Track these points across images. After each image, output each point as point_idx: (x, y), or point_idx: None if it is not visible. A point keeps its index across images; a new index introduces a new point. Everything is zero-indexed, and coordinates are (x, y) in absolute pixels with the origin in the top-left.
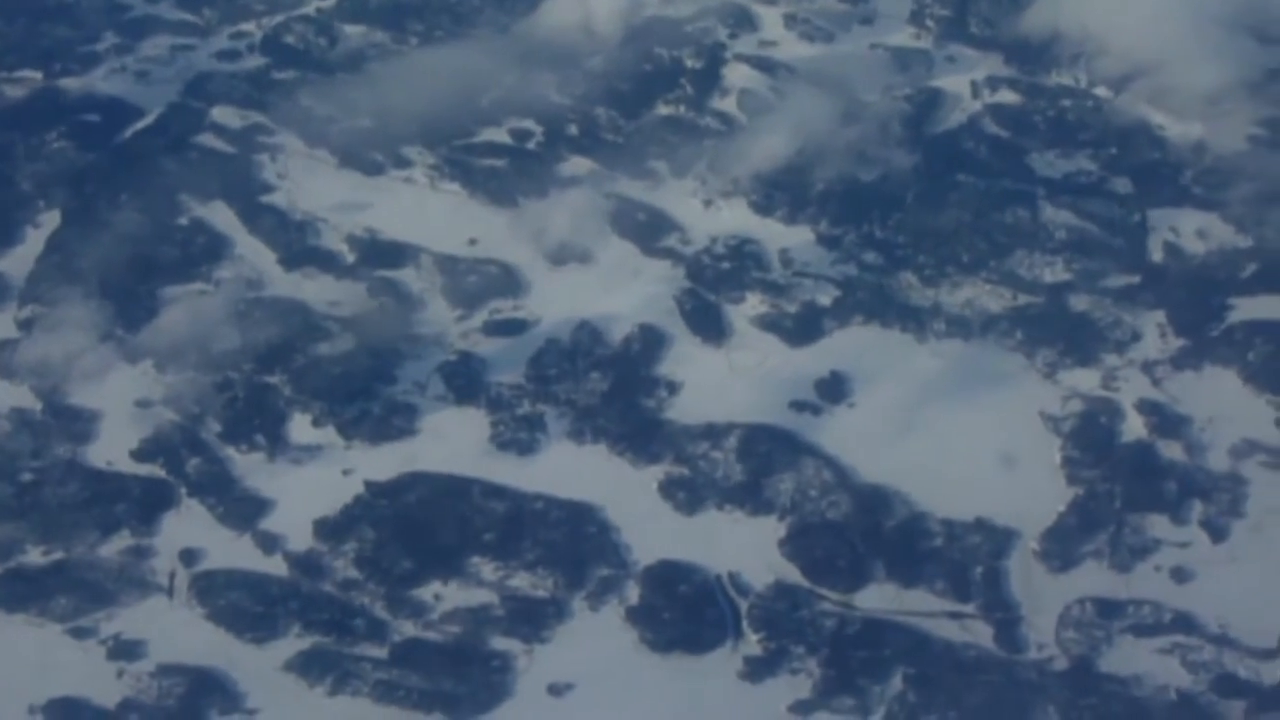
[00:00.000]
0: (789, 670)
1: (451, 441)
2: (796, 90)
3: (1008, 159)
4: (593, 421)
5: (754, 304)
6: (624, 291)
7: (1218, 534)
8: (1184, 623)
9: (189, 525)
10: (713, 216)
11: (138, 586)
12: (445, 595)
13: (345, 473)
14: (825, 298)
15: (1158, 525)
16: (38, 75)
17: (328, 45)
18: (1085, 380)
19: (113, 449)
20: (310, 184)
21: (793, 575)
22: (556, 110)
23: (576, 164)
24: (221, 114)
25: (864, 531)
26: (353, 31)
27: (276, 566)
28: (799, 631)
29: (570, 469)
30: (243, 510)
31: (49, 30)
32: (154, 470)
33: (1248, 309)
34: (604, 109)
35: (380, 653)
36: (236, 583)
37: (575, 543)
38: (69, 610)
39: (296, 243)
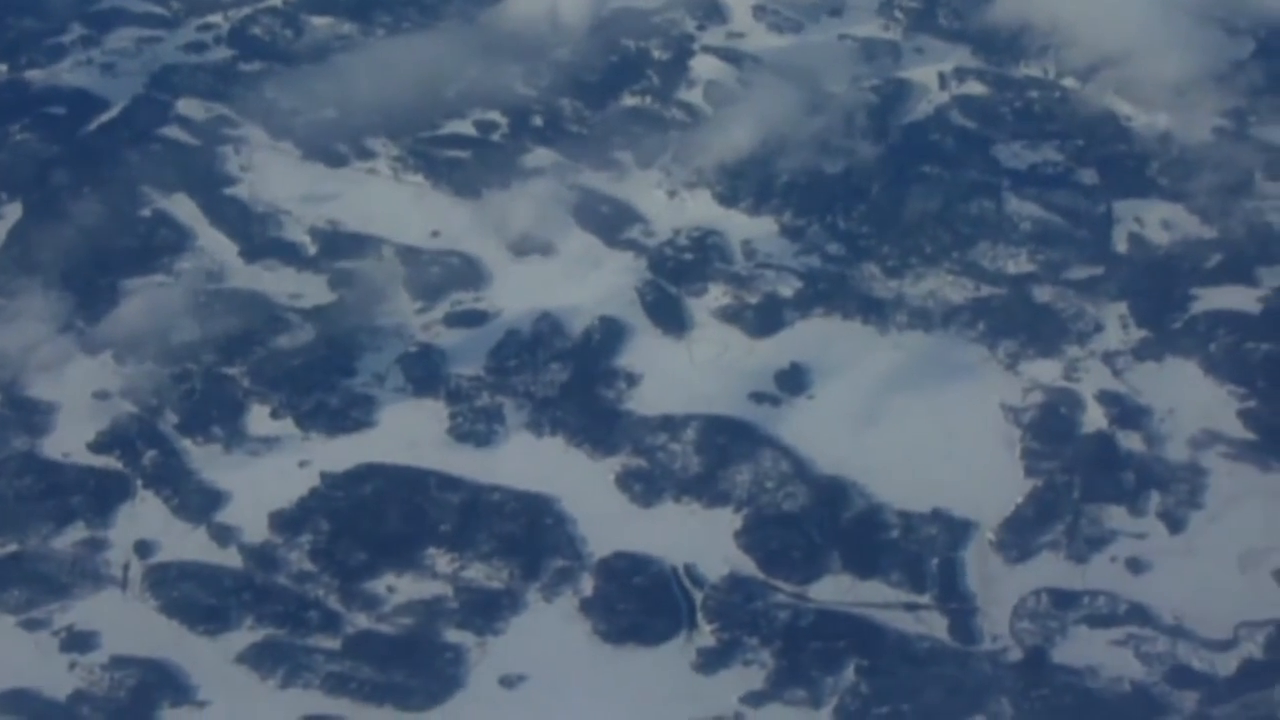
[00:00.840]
0: (742, 662)
1: (409, 433)
2: (763, 81)
3: (974, 150)
4: (551, 413)
5: (716, 295)
6: (586, 283)
7: (1175, 525)
8: (1139, 614)
9: (144, 517)
10: (676, 208)
11: (91, 579)
12: (399, 587)
13: (302, 464)
14: (787, 289)
15: (1115, 516)
16: (3, 68)
17: (294, 37)
18: (1047, 371)
19: (69, 441)
20: (273, 176)
21: (748, 567)
22: (522, 101)
23: (540, 155)
24: (186, 106)
25: (820, 523)
26: (319, 23)
27: (231, 559)
28: (753, 623)
29: (528, 460)
30: (198, 502)
31: (15, 22)
32: (110, 462)
33: (1211, 299)
34: (569, 100)
35: (333, 645)
36: (190, 575)
37: (531, 534)
38: (22, 602)
39: (258, 234)
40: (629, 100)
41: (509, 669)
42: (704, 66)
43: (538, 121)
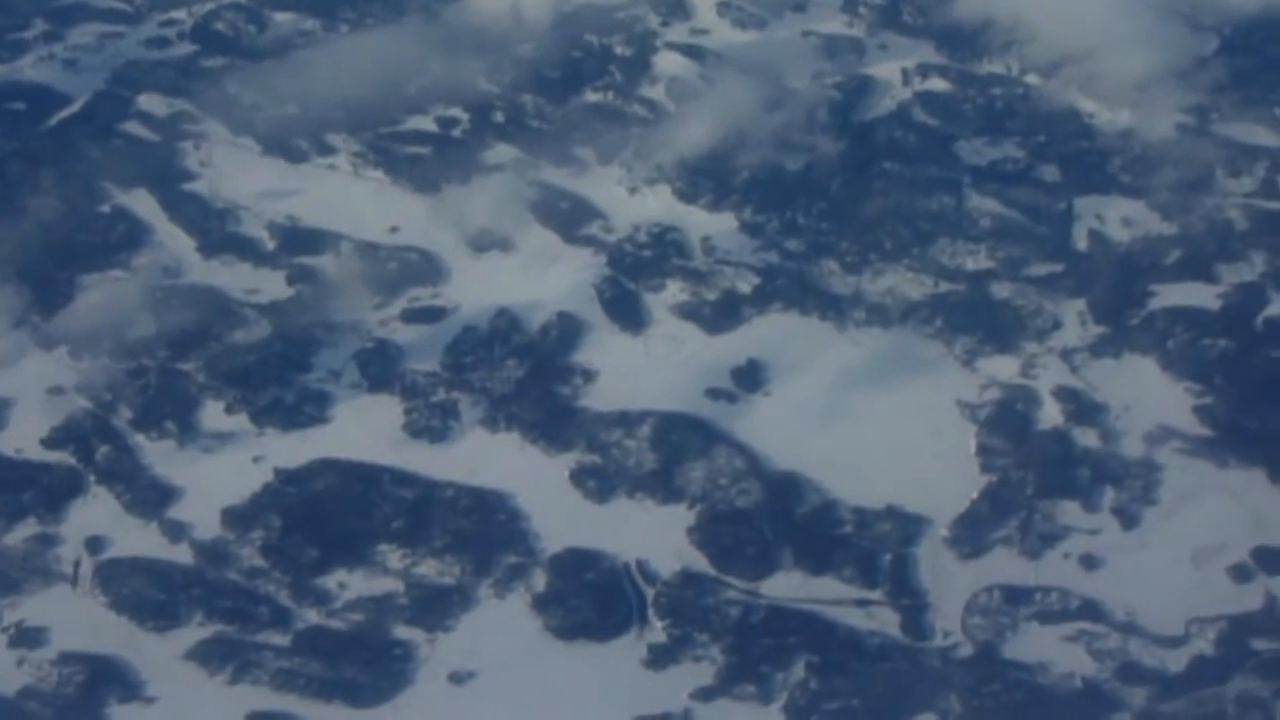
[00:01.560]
0: (692, 658)
1: (364, 429)
2: (725, 78)
3: (935, 147)
4: (506, 409)
5: (674, 292)
6: (544, 279)
7: (1129, 521)
8: (1091, 610)
9: (96, 513)
10: (637, 204)
11: (42, 575)
12: (350, 583)
13: (256, 460)
14: (745, 285)
15: (1069, 512)
16: None
17: (256, 32)
18: (1004, 368)
19: (23, 436)
20: (233, 172)
21: (700, 563)
22: (484, 97)
23: (501, 151)
24: (148, 101)
25: (774, 519)
26: (283, 19)
27: (182, 555)
28: (704, 619)
29: (482, 457)
30: (151, 498)
31: None
32: (63, 458)
33: (1169, 296)
34: (531, 96)
35: (283, 641)
36: (140, 571)
37: (484, 530)
38: None
39: (217, 230)
40: (591, 96)
41: (459, 665)
42: (666, 63)
43: (499, 117)
